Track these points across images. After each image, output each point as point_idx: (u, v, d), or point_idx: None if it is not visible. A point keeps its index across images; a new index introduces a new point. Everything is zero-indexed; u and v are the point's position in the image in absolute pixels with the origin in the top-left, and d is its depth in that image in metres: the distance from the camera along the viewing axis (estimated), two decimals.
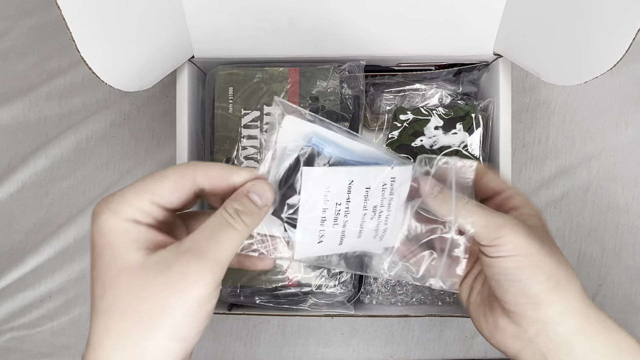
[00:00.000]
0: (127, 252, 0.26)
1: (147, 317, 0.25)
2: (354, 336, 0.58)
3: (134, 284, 0.26)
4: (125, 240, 0.27)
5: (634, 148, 0.59)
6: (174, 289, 0.25)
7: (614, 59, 0.37)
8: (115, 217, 0.27)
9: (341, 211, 0.31)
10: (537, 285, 0.31)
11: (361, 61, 0.50)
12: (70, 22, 0.33)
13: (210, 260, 0.26)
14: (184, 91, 0.49)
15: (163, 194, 0.28)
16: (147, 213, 0.28)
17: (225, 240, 0.27)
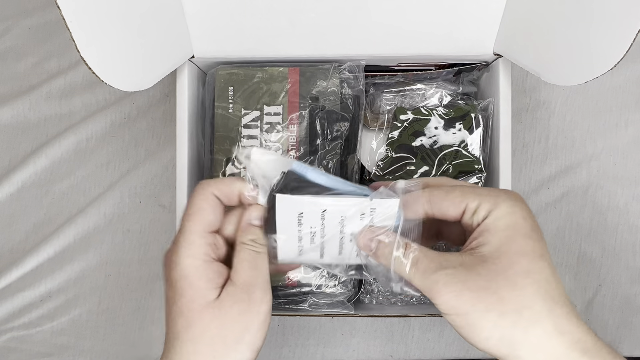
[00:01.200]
0: (207, 290, 0.32)
1: (232, 338, 0.32)
2: (354, 336, 0.58)
3: (216, 316, 0.32)
4: (205, 281, 0.32)
5: (634, 148, 0.59)
6: (251, 312, 0.32)
7: (614, 59, 0.37)
8: (192, 259, 0.32)
9: (316, 233, 0.34)
10: (482, 343, 0.30)
11: (361, 61, 0.50)
12: (70, 22, 0.33)
13: (262, 283, 0.33)
14: (184, 91, 0.49)
15: (210, 220, 0.33)
16: (213, 245, 0.33)
17: (261, 265, 0.33)
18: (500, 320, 0.29)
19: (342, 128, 0.49)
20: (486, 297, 0.29)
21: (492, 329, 0.29)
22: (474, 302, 0.29)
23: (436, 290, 0.30)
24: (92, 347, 0.59)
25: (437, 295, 0.30)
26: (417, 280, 0.31)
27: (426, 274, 0.31)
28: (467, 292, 0.29)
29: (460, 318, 0.30)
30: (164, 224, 0.60)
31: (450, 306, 0.30)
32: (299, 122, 0.49)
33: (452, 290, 0.29)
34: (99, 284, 0.59)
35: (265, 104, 0.49)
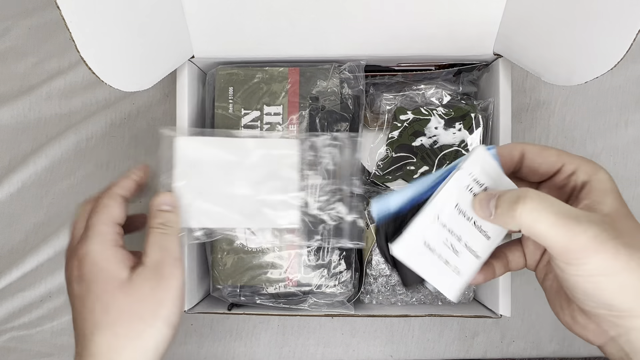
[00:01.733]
0: (117, 271, 0.35)
1: (147, 314, 0.34)
2: (354, 336, 0.58)
3: (129, 293, 0.35)
4: (114, 263, 0.36)
5: (634, 148, 0.59)
6: (161, 287, 0.35)
7: (614, 60, 0.37)
8: (101, 245, 0.36)
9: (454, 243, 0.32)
10: (621, 303, 0.28)
11: (361, 61, 0.50)
12: (70, 22, 0.33)
13: (171, 260, 0.37)
14: (184, 91, 0.49)
15: (116, 214, 0.38)
16: (119, 234, 0.38)
17: (170, 245, 0.37)
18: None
19: (342, 128, 0.49)
20: (636, 254, 0.27)
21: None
22: (629, 260, 0.27)
23: (591, 250, 0.27)
24: None
25: (592, 254, 0.27)
26: (555, 232, 0.27)
27: (569, 225, 0.27)
28: (622, 248, 0.27)
29: (611, 280, 0.27)
30: None
31: (604, 266, 0.27)
32: (299, 122, 0.49)
33: (610, 249, 0.27)
34: None
35: (265, 104, 0.49)
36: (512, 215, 0.28)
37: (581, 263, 0.27)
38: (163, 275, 0.35)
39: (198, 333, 0.59)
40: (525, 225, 0.28)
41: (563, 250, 0.27)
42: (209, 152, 0.44)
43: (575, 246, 0.27)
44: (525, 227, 0.28)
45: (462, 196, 0.31)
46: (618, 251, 0.27)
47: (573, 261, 0.27)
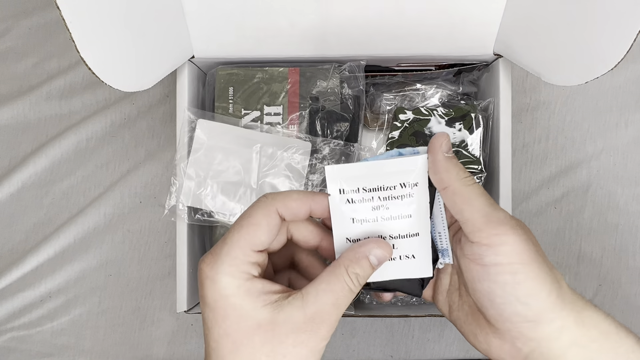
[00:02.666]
0: (256, 311, 0.28)
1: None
2: (354, 336, 0.58)
3: (268, 341, 0.28)
4: (251, 300, 0.28)
5: (634, 148, 0.59)
6: (306, 346, 0.28)
7: (614, 60, 0.37)
8: (233, 279, 0.29)
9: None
10: (537, 302, 0.28)
11: (361, 61, 0.50)
12: (70, 22, 0.33)
13: (333, 323, 0.29)
14: (184, 91, 0.49)
15: (263, 240, 0.29)
16: (255, 264, 0.29)
17: (345, 305, 0.29)
18: (555, 275, 0.29)
19: (342, 128, 0.49)
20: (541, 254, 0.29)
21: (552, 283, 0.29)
22: (537, 253, 0.29)
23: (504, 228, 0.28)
24: (92, 347, 0.59)
25: (510, 232, 0.28)
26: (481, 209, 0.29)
27: (495, 209, 0.29)
28: (532, 244, 0.29)
29: (526, 269, 0.28)
30: (164, 224, 0.60)
31: (519, 249, 0.28)
32: (299, 122, 0.49)
33: (521, 233, 0.28)
34: (99, 284, 0.59)
35: (265, 104, 0.49)
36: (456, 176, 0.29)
37: (499, 242, 0.28)
38: (317, 335, 0.28)
39: (198, 333, 0.59)
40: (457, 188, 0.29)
41: (482, 220, 0.28)
42: (226, 138, 0.47)
43: (496, 219, 0.28)
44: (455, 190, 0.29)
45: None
46: (528, 242, 0.28)
47: (492, 239, 0.28)
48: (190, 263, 0.49)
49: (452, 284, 0.34)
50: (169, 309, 0.59)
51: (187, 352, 0.59)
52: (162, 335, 0.59)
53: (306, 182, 0.48)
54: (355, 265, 0.29)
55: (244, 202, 0.47)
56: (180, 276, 0.48)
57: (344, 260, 0.29)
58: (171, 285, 0.59)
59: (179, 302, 0.48)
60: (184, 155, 0.48)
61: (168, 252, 0.59)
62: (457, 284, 0.34)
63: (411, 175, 0.30)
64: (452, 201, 0.29)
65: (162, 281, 0.59)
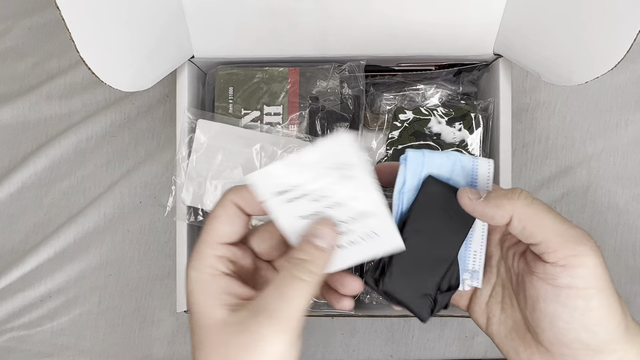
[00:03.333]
0: (210, 309, 0.28)
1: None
2: (354, 336, 0.58)
3: (219, 342, 0.27)
4: (207, 298, 0.28)
5: (634, 148, 0.59)
6: (249, 349, 0.26)
7: (614, 60, 0.37)
8: (198, 274, 0.28)
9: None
10: (605, 333, 0.26)
11: (361, 61, 0.50)
12: (70, 22, 0.33)
13: (281, 319, 0.26)
14: (184, 91, 0.49)
15: (223, 231, 0.29)
16: (222, 257, 0.29)
17: (293, 296, 0.27)
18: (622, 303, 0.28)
19: (342, 128, 0.49)
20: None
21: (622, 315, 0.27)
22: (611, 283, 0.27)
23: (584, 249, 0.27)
24: (92, 347, 0.59)
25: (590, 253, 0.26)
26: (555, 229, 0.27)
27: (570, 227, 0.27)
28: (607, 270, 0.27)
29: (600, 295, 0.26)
30: (164, 224, 0.60)
31: (596, 274, 0.26)
32: (299, 122, 0.49)
33: (600, 255, 0.27)
34: (99, 284, 0.59)
35: (265, 104, 0.49)
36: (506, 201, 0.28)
37: (578, 264, 0.26)
38: (261, 336, 0.26)
39: None
40: (522, 213, 0.27)
41: (565, 244, 0.26)
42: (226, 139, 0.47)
43: (575, 241, 0.26)
44: (521, 216, 0.27)
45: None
46: (605, 268, 0.26)
47: (570, 260, 0.26)
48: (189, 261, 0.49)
49: (493, 296, 0.32)
50: (169, 309, 0.59)
51: (187, 352, 0.59)
52: (162, 335, 0.59)
53: None
54: (295, 251, 0.28)
55: None
56: (180, 276, 0.48)
57: (289, 252, 0.28)
58: (171, 285, 0.58)
59: (179, 302, 0.48)
60: (184, 155, 0.48)
61: (168, 252, 0.59)
62: (501, 296, 0.32)
63: (342, 155, 0.28)
64: (520, 228, 0.27)
65: (162, 281, 0.59)
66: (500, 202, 0.28)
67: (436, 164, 0.30)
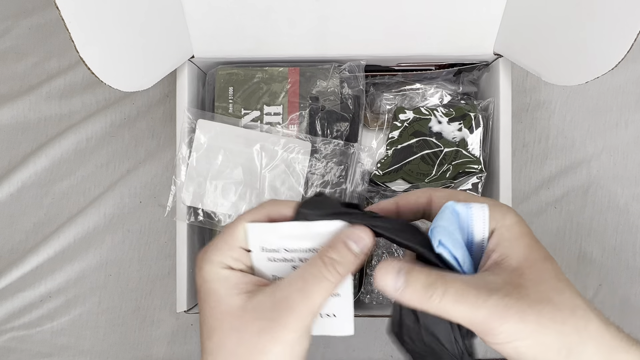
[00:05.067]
0: (229, 297, 0.29)
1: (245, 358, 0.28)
2: (354, 336, 0.58)
3: (236, 327, 0.28)
4: (226, 287, 0.29)
5: (634, 148, 0.59)
6: (268, 334, 0.27)
7: (615, 60, 0.37)
8: (213, 266, 0.30)
9: None
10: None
11: (361, 61, 0.50)
12: (69, 22, 0.33)
13: (300, 312, 0.28)
14: (184, 91, 0.49)
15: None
16: (238, 260, 0.30)
17: (316, 292, 0.28)
18: (565, 328, 0.27)
19: (342, 128, 0.49)
20: (545, 309, 0.27)
21: (561, 342, 0.26)
22: (539, 319, 0.26)
23: (496, 318, 0.26)
24: (92, 347, 0.59)
25: (499, 324, 0.26)
26: (463, 313, 0.27)
27: (477, 304, 0.26)
28: (529, 310, 0.26)
29: (525, 342, 0.26)
30: (164, 224, 0.60)
31: (514, 332, 0.26)
32: (299, 122, 0.49)
33: (514, 314, 0.26)
34: (99, 284, 0.59)
35: (265, 104, 0.49)
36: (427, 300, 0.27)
37: (494, 334, 0.26)
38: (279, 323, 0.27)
39: (198, 333, 0.59)
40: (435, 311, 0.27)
41: (471, 325, 0.27)
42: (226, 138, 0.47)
43: (479, 319, 0.26)
44: (435, 312, 0.27)
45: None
46: (524, 313, 0.26)
47: (485, 333, 0.27)
48: (190, 263, 0.49)
49: None
50: (169, 309, 0.59)
51: (187, 352, 0.59)
52: (162, 335, 0.59)
53: (306, 181, 0.48)
54: (329, 250, 0.29)
55: (244, 201, 0.47)
56: (180, 276, 0.48)
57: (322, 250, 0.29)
58: (171, 285, 0.58)
59: (179, 302, 0.48)
60: (184, 155, 0.48)
61: (168, 252, 0.59)
62: None
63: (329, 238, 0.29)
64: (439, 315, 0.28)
65: (162, 281, 0.59)
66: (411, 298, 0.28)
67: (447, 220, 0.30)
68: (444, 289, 0.27)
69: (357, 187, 0.49)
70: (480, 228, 0.29)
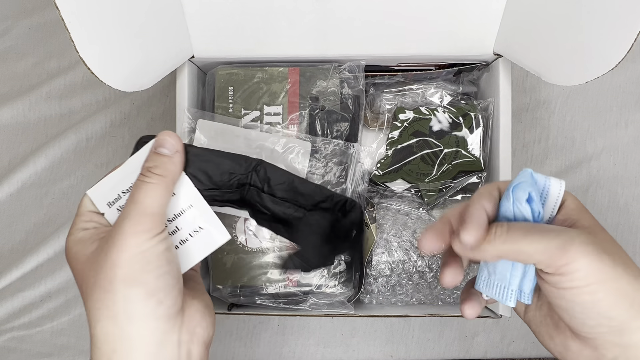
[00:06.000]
0: (84, 250, 0.32)
1: (104, 279, 0.29)
2: (354, 336, 0.58)
3: (89, 261, 0.31)
4: (82, 245, 0.32)
5: (634, 148, 0.59)
6: (111, 247, 0.30)
7: (615, 60, 0.37)
8: (70, 236, 0.33)
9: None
10: (620, 314, 0.27)
11: (361, 61, 0.50)
12: (69, 22, 0.33)
13: (134, 216, 0.30)
14: (184, 91, 0.49)
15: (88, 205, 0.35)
16: (90, 221, 0.34)
17: (143, 196, 0.31)
18: (637, 282, 0.27)
19: (342, 128, 0.49)
20: (619, 260, 0.27)
21: (635, 293, 0.27)
22: (615, 265, 0.27)
23: (572, 255, 0.26)
24: None
25: (579, 257, 0.26)
26: (537, 247, 0.27)
27: (551, 238, 0.27)
28: (605, 254, 0.26)
29: (605, 286, 0.26)
30: None
31: (593, 270, 0.26)
32: (299, 122, 0.49)
33: (592, 251, 0.26)
34: None
35: (265, 104, 0.49)
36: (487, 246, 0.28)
37: (572, 270, 0.26)
38: (117, 233, 0.30)
39: None
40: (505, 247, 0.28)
41: (552, 258, 0.27)
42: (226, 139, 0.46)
43: (555, 249, 0.26)
44: (505, 249, 0.28)
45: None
46: (602, 254, 0.27)
47: (563, 269, 0.27)
48: None
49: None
50: None
51: None
52: None
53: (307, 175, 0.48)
54: (145, 162, 0.33)
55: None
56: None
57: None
58: None
59: None
60: None
61: None
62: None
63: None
64: (513, 257, 0.28)
65: None
66: (483, 248, 0.28)
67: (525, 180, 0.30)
68: (506, 227, 0.28)
69: (357, 187, 0.49)
70: (553, 202, 0.30)
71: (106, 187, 0.34)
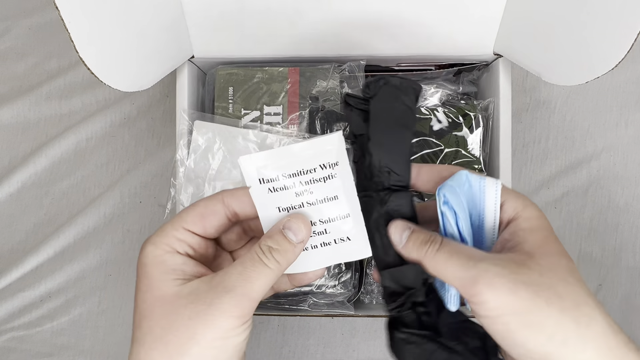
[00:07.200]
0: (162, 282, 0.28)
1: (174, 346, 0.26)
2: (354, 336, 0.58)
3: (166, 314, 0.27)
4: (161, 271, 0.28)
5: (634, 148, 0.59)
6: (201, 318, 0.26)
7: (615, 60, 0.37)
8: (155, 248, 0.29)
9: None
10: (537, 346, 0.25)
11: (361, 61, 0.50)
12: (69, 22, 0.33)
13: (237, 295, 0.27)
14: (184, 91, 0.49)
15: (194, 221, 0.30)
16: (183, 241, 0.29)
17: (254, 277, 0.27)
18: (562, 316, 0.25)
19: (342, 128, 0.49)
20: (544, 292, 0.25)
21: (555, 327, 0.25)
22: (533, 298, 0.25)
23: (485, 282, 0.25)
24: (92, 347, 0.59)
25: (486, 290, 0.25)
26: (453, 275, 0.27)
27: (468, 265, 0.26)
28: (523, 286, 0.25)
29: (516, 318, 0.25)
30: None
31: (502, 302, 0.25)
32: (299, 122, 0.49)
33: (505, 283, 0.25)
34: (99, 284, 0.59)
35: (265, 104, 0.49)
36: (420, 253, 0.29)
37: (482, 301, 0.26)
38: (214, 307, 0.26)
39: None
40: (429, 265, 0.28)
41: (464, 287, 0.26)
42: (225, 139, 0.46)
43: (468, 280, 0.26)
44: (429, 267, 0.28)
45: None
46: (518, 288, 0.25)
47: (475, 299, 0.26)
48: None
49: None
50: None
51: None
52: None
53: None
54: (267, 239, 0.29)
55: None
56: None
57: (261, 239, 0.29)
58: None
59: None
60: (182, 156, 0.48)
61: None
62: None
63: (330, 155, 0.29)
64: (437, 275, 0.28)
65: None
66: (411, 251, 0.29)
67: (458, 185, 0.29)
68: (439, 246, 0.28)
69: None
70: (492, 203, 0.29)
71: (265, 161, 0.29)
